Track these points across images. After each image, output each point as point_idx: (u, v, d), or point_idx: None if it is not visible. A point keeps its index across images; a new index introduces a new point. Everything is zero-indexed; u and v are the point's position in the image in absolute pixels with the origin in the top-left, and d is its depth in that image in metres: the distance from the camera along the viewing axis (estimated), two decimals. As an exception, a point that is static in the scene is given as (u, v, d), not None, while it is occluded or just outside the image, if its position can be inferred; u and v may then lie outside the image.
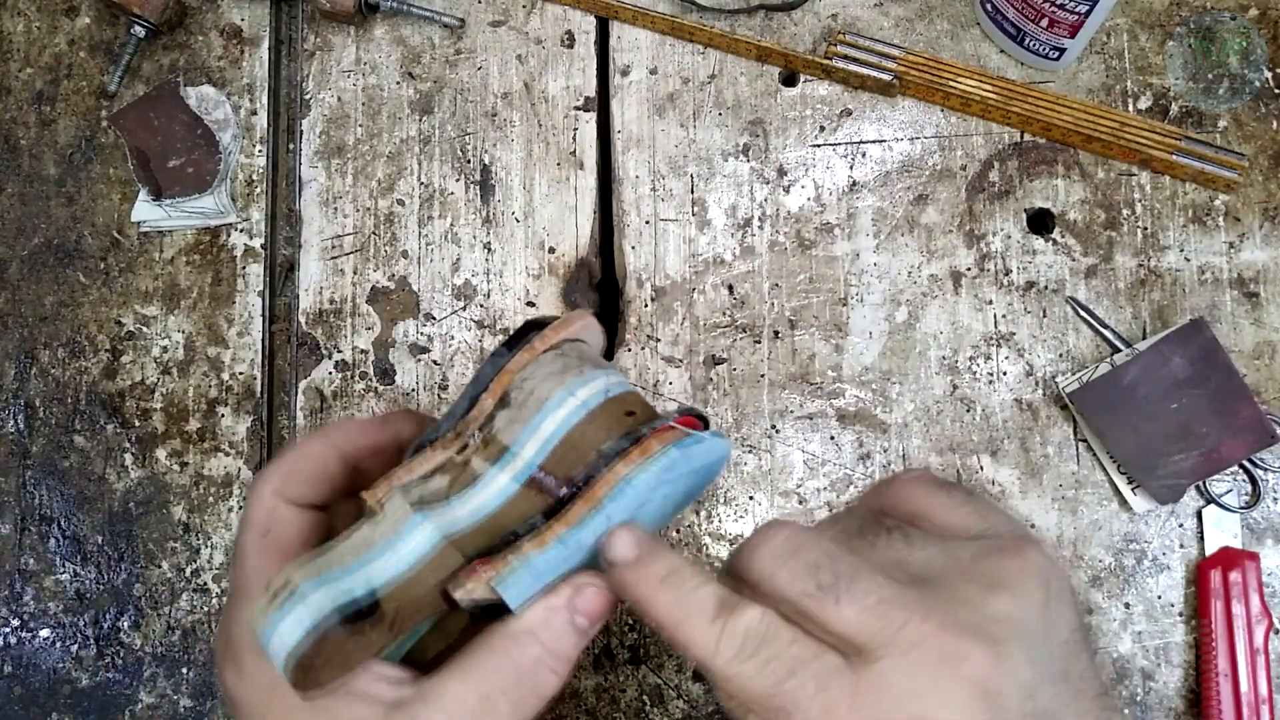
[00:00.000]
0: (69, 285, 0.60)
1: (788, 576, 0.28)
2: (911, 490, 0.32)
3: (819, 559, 0.28)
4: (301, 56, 0.62)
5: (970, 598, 0.27)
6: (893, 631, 0.26)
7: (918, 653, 0.26)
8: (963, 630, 0.26)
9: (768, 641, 0.27)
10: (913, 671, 0.26)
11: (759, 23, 0.59)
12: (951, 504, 0.31)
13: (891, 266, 0.57)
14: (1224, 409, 0.52)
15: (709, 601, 0.28)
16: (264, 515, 0.32)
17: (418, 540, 0.30)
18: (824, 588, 0.27)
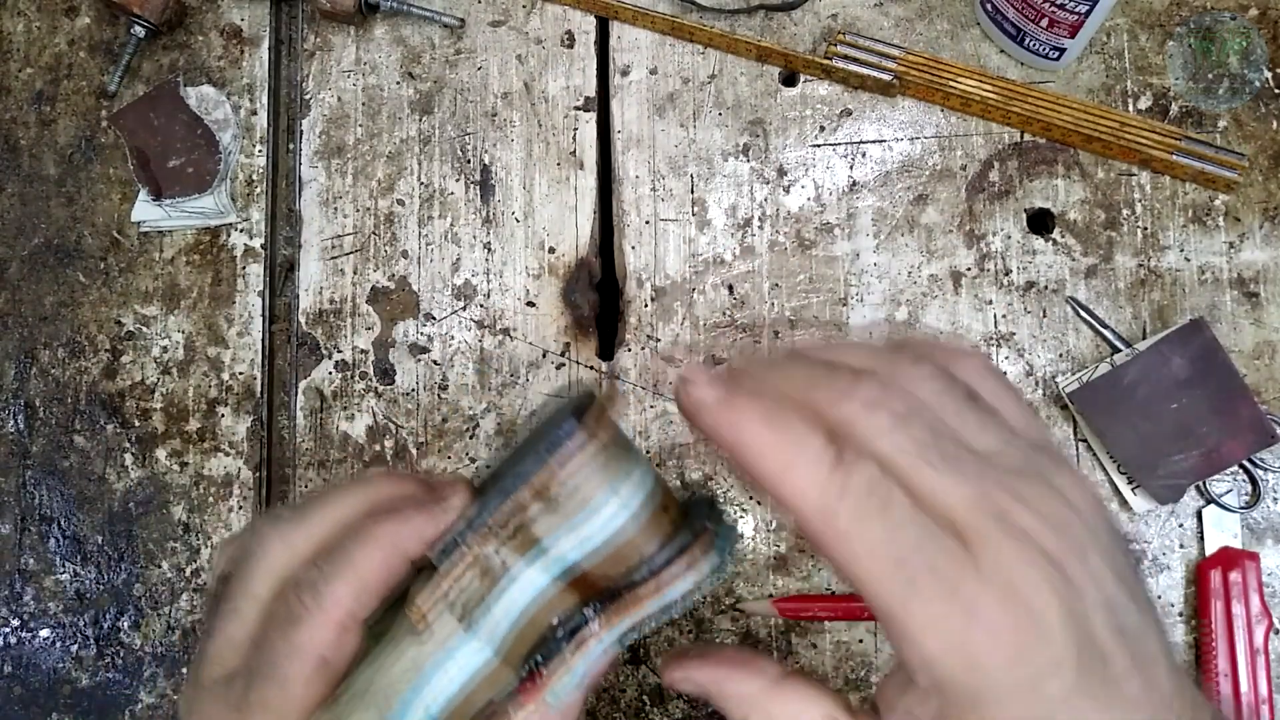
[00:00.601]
0: (69, 285, 0.61)
1: (906, 439, 0.25)
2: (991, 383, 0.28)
3: (938, 425, 0.25)
4: (301, 56, 0.62)
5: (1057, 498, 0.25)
6: (1001, 520, 0.24)
7: (1027, 549, 0.24)
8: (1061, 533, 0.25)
9: (890, 503, 0.24)
10: (1023, 570, 0.24)
11: (759, 23, 0.59)
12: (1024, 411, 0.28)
13: (891, 266, 0.57)
14: (1224, 409, 0.52)
15: (824, 446, 0.25)
16: (328, 644, 0.28)
17: (467, 659, 0.29)
18: (947, 457, 0.24)
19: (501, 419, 0.58)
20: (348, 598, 0.29)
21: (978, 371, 0.28)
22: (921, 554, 0.24)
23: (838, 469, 0.24)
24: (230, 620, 0.30)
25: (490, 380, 0.58)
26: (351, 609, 0.29)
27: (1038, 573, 0.24)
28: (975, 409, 0.26)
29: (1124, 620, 0.25)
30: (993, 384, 0.28)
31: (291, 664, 0.28)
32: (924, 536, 0.24)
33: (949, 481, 0.24)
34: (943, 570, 0.24)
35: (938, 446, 0.25)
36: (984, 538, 0.24)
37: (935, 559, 0.24)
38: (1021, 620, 0.23)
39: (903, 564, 0.24)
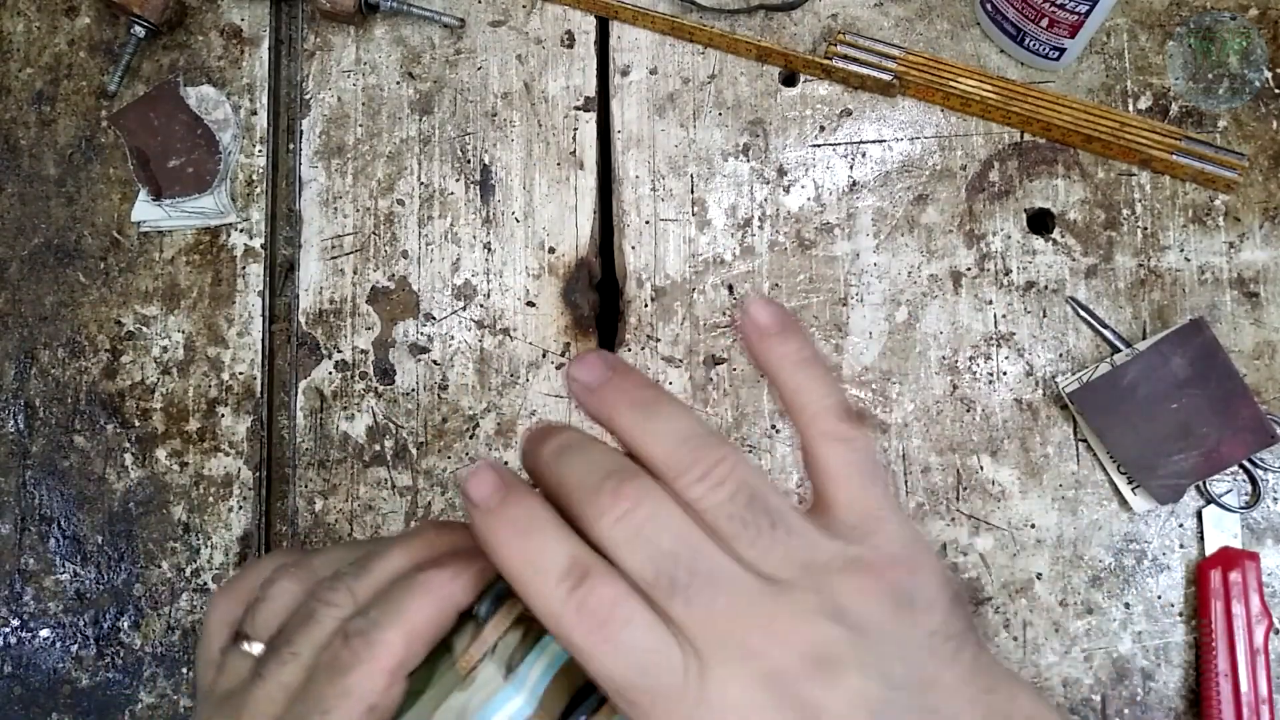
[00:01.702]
0: (69, 285, 0.61)
1: (640, 561, 0.26)
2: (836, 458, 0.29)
3: (679, 551, 0.26)
4: (301, 56, 0.62)
5: (812, 611, 0.26)
6: (733, 641, 0.26)
7: (752, 665, 0.26)
8: (798, 647, 0.26)
9: (627, 625, 0.26)
10: (745, 686, 0.26)
11: (759, 23, 0.59)
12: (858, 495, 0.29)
13: (891, 266, 0.57)
14: (1224, 409, 0.52)
15: (563, 560, 0.26)
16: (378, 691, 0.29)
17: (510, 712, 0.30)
18: (676, 586, 0.26)
19: (501, 419, 0.58)
20: (400, 646, 0.29)
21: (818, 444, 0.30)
22: (647, 672, 0.26)
23: (575, 589, 0.26)
24: (289, 665, 0.30)
25: (490, 380, 0.58)
26: (402, 658, 0.29)
27: (753, 694, 0.25)
28: (750, 519, 0.27)
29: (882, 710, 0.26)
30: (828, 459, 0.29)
31: (341, 709, 0.29)
32: (651, 654, 0.26)
33: (680, 610, 0.26)
34: (668, 686, 0.26)
35: (672, 570, 0.26)
36: (704, 659, 0.26)
37: (661, 676, 0.26)
38: None
39: (633, 678, 0.26)
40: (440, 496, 0.57)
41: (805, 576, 0.27)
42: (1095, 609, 0.54)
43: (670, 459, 0.28)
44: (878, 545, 0.28)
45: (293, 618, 0.31)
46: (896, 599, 0.27)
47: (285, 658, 0.30)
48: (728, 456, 0.28)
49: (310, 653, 0.30)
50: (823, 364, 0.30)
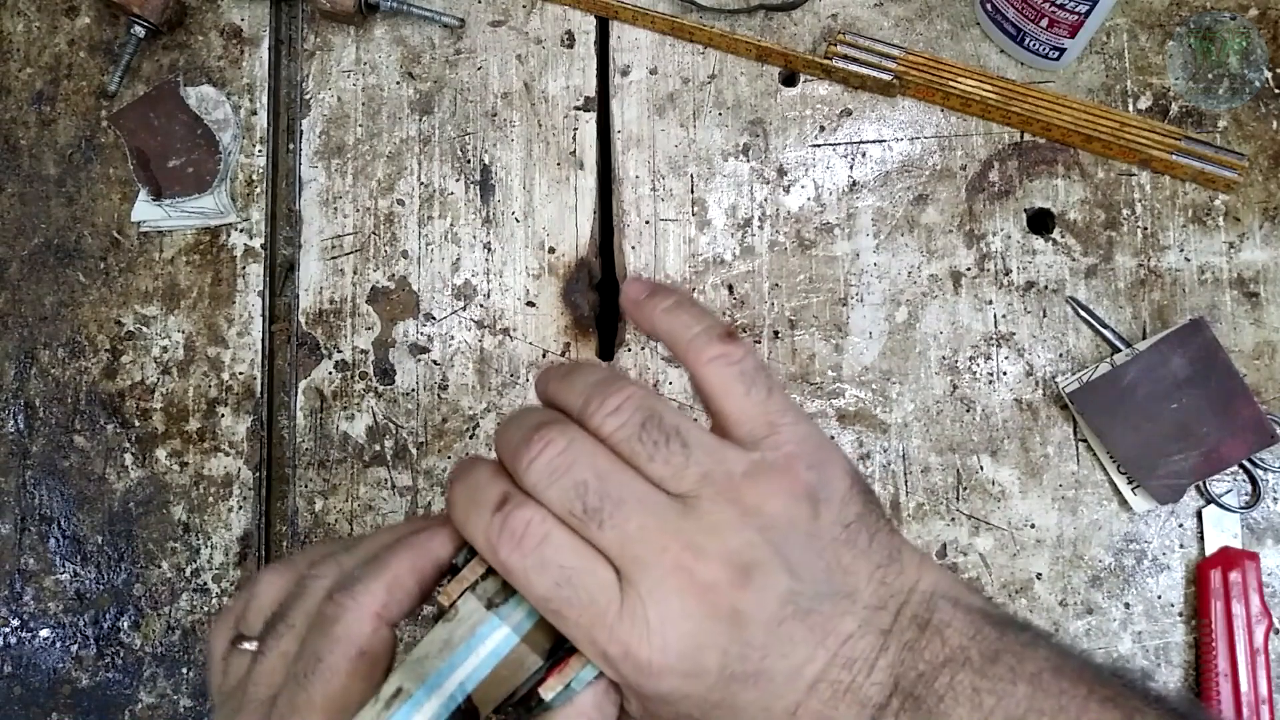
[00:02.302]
0: (69, 285, 0.61)
1: (557, 494, 0.29)
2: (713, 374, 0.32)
3: (588, 480, 0.29)
4: (301, 56, 0.62)
5: (729, 520, 0.29)
6: (649, 557, 0.28)
7: (671, 580, 0.28)
8: (714, 557, 0.28)
9: (544, 543, 0.28)
10: (665, 598, 0.28)
11: (759, 23, 0.59)
12: (745, 404, 0.31)
13: (891, 266, 0.57)
14: (1224, 409, 0.52)
15: (494, 497, 0.30)
16: (365, 635, 0.31)
17: (495, 640, 0.31)
18: (589, 511, 0.28)
19: (501, 418, 0.58)
20: (381, 591, 0.32)
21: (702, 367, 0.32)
22: (570, 588, 0.28)
23: (497, 514, 0.29)
24: (285, 636, 0.32)
25: (490, 380, 0.58)
26: (385, 601, 0.32)
27: (675, 605, 0.28)
28: (648, 436, 0.30)
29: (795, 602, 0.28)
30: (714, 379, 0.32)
31: (332, 654, 0.31)
32: (572, 572, 0.28)
33: (594, 532, 0.28)
34: (591, 601, 0.28)
35: (584, 498, 0.29)
36: (628, 578, 0.28)
37: (584, 591, 0.28)
38: (659, 652, 0.28)
39: (555, 591, 0.28)
40: (440, 496, 0.57)
41: (712, 488, 0.29)
42: (1095, 609, 0.54)
43: (578, 401, 0.31)
44: (777, 445, 0.30)
45: (286, 598, 0.33)
46: (804, 496, 0.30)
47: (281, 630, 0.32)
48: (627, 388, 0.31)
49: (303, 620, 0.32)
50: (691, 305, 0.33)
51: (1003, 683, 0.28)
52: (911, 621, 0.30)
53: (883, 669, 0.29)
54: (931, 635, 0.29)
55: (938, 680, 0.28)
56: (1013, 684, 0.28)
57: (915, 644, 0.29)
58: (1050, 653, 0.29)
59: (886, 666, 0.29)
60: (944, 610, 0.30)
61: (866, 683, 0.29)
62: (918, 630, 0.29)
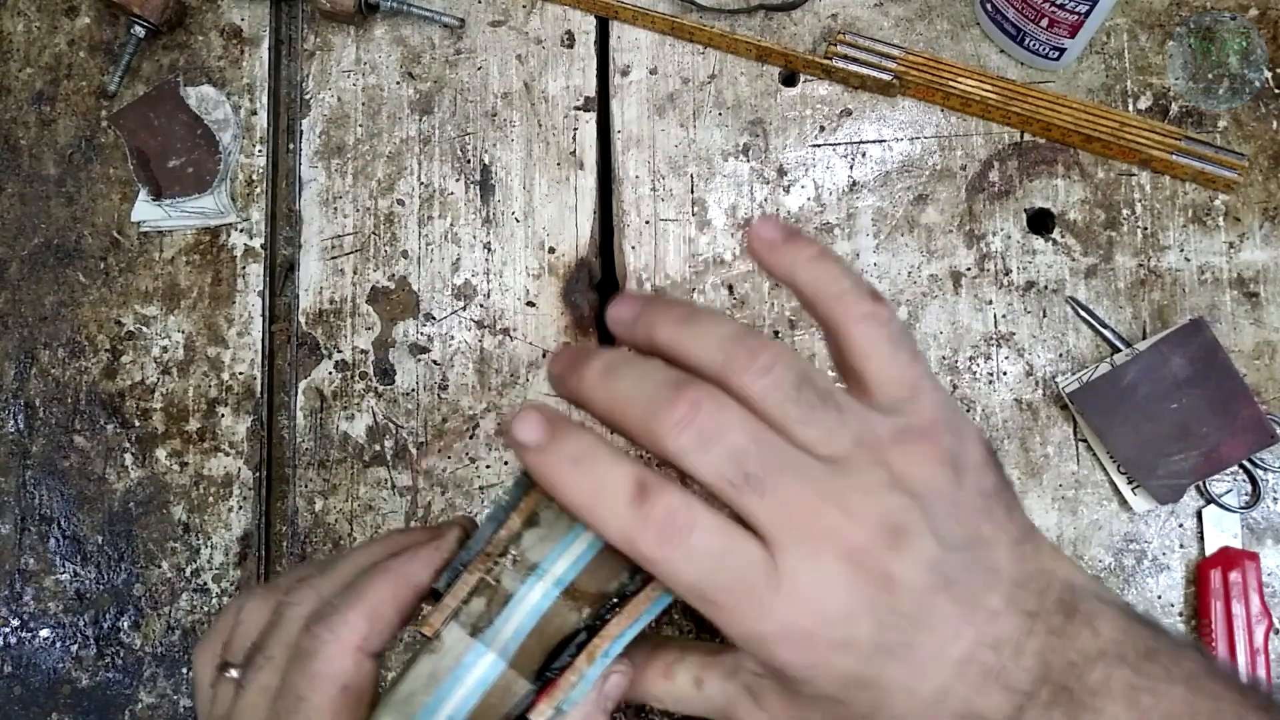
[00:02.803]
0: (69, 285, 0.61)
1: (713, 463, 0.27)
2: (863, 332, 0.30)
3: (745, 446, 0.27)
4: (301, 56, 0.62)
5: (881, 482, 0.28)
6: (805, 523, 0.27)
7: (826, 545, 0.27)
8: (868, 520, 0.27)
9: (691, 529, 0.27)
10: (820, 565, 0.27)
11: (759, 23, 0.59)
12: (892, 365, 0.30)
13: (891, 266, 0.57)
14: (1224, 409, 0.52)
15: (626, 482, 0.27)
16: (347, 671, 0.30)
17: (482, 668, 0.31)
18: (750, 480, 0.27)
19: (501, 419, 0.58)
20: (361, 624, 0.30)
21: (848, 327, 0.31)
22: (721, 571, 0.27)
23: (635, 503, 0.27)
24: (265, 669, 0.31)
25: (490, 380, 0.58)
26: (365, 634, 0.30)
27: (830, 570, 0.27)
28: (802, 399, 0.28)
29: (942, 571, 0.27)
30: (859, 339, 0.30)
31: (315, 693, 0.29)
32: (722, 554, 0.27)
33: (753, 502, 0.27)
34: (742, 580, 0.27)
35: (743, 465, 0.27)
36: (781, 546, 0.27)
37: (735, 572, 0.27)
38: (809, 619, 0.27)
39: (705, 578, 0.27)
40: (440, 496, 0.57)
41: (862, 451, 0.28)
42: (1095, 609, 0.54)
43: (718, 359, 0.28)
44: (920, 411, 0.29)
45: (265, 626, 0.32)
46: (948, 462, 0.28)
47: (260, 663, 0.31)
48: (770, 346, 0.29)
49: (282, 652, 0.31)
50: (833, 256, 0.31)
51: (1160, 682, 0.27)
52: (1057, 605, 0.28)
53: (1030, 653, 0.27)
54: (1081, 624, 0.28)
55: (1091, 674, 0.27)
56: (1169, 684, 0.27)
57: (1063, 630, 0.28)
58: (1199, 656, 0.28)
59: (1035, 652, 0.27)
60: (1089, 601, 0.29)
61: (1015, 667, 0.27)
62: (1063, 616, 0.28)
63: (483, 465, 0.57)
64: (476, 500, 0.57)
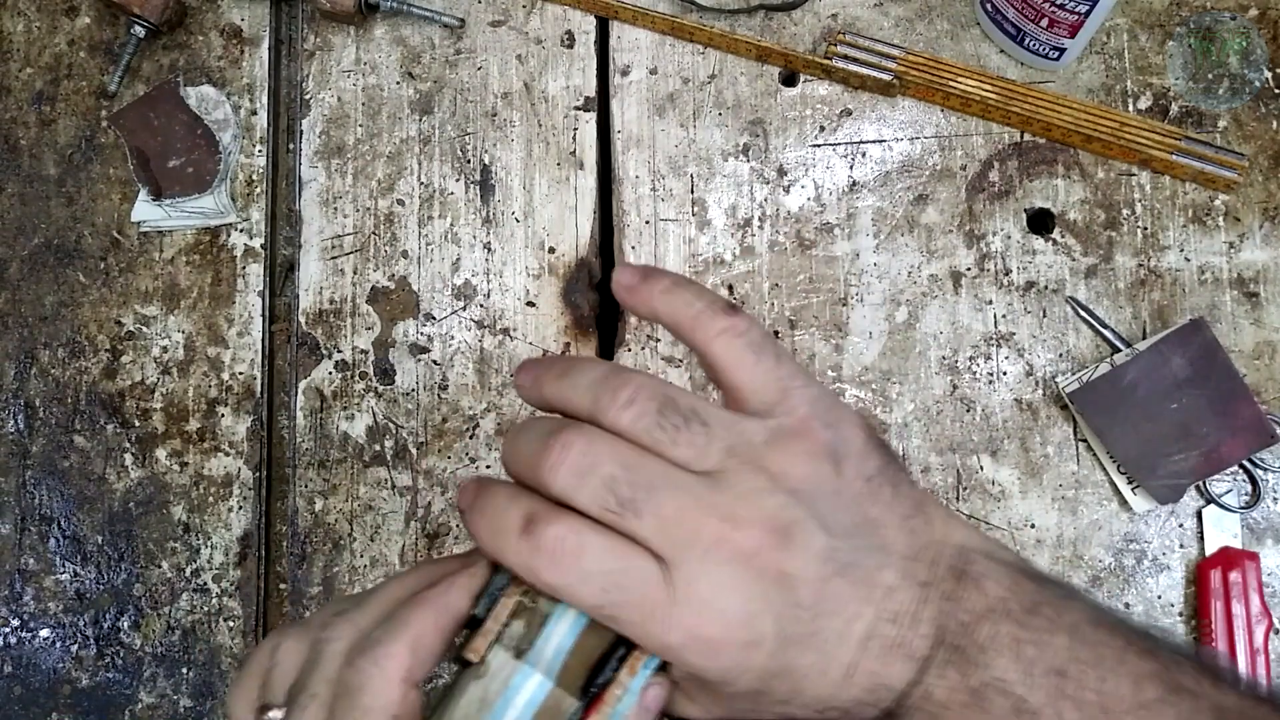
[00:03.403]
0: (69, 285, 0.61)
1: (589, 493, 0.29)
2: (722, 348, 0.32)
3: (616, 473, 0.29)
4: (301, 56, 0.62)
5: (760, 487, 0.29)
6: (690, 536, 0.28)
7: (715, 554, 0.28)
8: (752, 524, 0.28)
9: (581, 553, 0.28)
10: (713, 573, 0.28)
11: (759, 23, 0.59)
12: (757, 373, 0.31)
13: (891, 266, 0.57)
14: (1224, 409, 0.52)
15: (518, 519, 0.29)
16: (395, 702, 0.30)
17: (530, 690, 0.31)
18: (624, 504, 0.28)
19: (501, 419, 0.58)
20: (405, 655, 0.31)
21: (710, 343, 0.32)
22: (619, 589, 0.28)
23: (524, 537, 0.29)
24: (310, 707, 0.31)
25: (490, 380, 0.58)
26: (410, 664, 0.31)
27: (723, 576, 0.28)
28: (667, 422, 0.30)
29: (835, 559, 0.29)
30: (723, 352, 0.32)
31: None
32: (617, 573, 0.28)
33: (633, 523, 0.28)
34: (642, 596, 0.28)
35: (617, 491, 0.28)
36: (672, 561, 0.28)
37: (632, 590, 0.28)
38: (712, 627, 0.28)
39: (604, 597, 0.28)
40: (440, 496, 0.57)
41: (737, 460, 0.29)
42: (1095, 609, 0.54)
43: (587, 401, 0.31)
44: (791, 410, 0.31)
45: (304, 664, 0.32)
46: (826, 455, 0.30)
47: (304, 701, 0.31)
48: (632, 380, 0.30)
49: (326, 688, 0.31)
50: (688, 283, 0.33)
51: (1043, 633, 0.29)
52: (949, 572, 0.30)
53: (927, 621, 0.29)
54: (970, 586, 0.29)
55: (979, 631, 0.29)
56: (1052, 634, 0.29)
57: (954, 594, 0.29)
58: (1085, 606, 0.30)
59: (930, 619, 0.29)
60: (979, 562, 0.30)
61: (914, 636, 0.29)
62: (954, 581, 0.30)
63: (483, 465, 0.57)
64: (476, 500, 0.57)
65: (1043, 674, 0.28)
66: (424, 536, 0.57)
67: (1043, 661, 0.28)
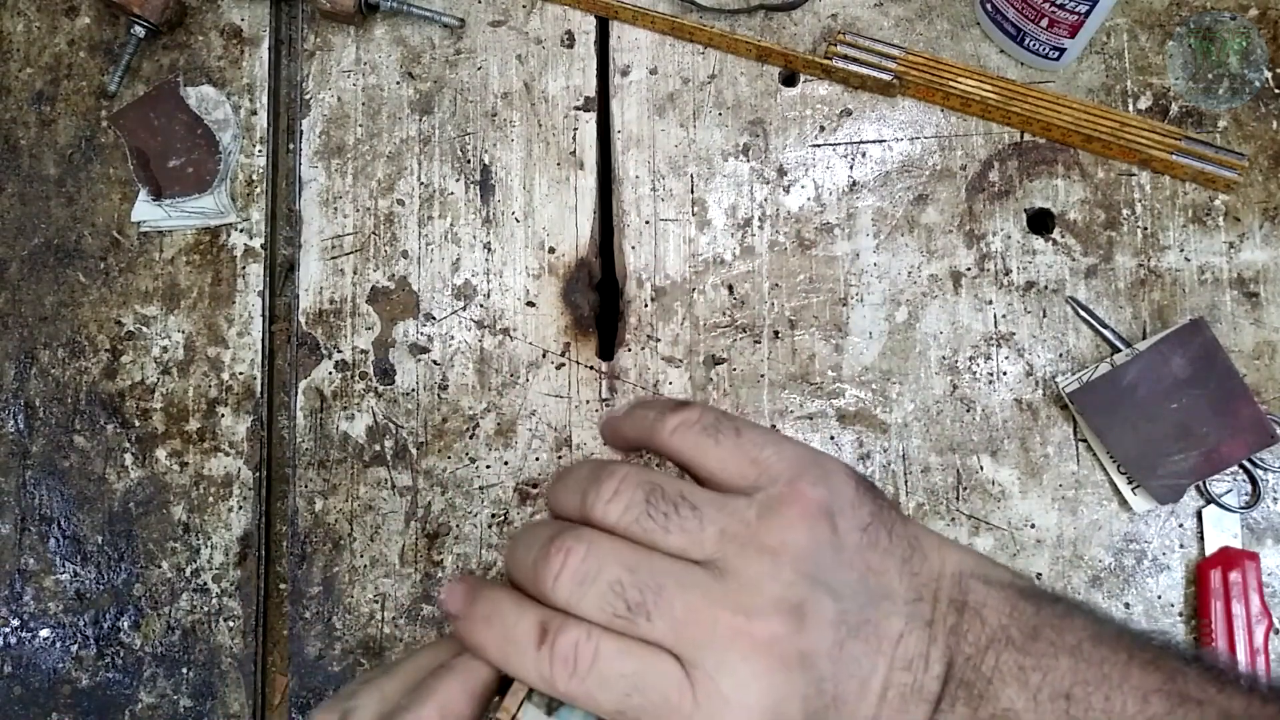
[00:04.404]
0: (69, 285, 0.61)
1: (595, 603, 0.28)
2: (680, 442, 0.32)
3: (620, 576, 0.28)
4: (301, 56, 0.62)
5: (764, 571, 0.28)
6: (706, 634, 0.28)
7: (734, 649, 0.28)
8: (766, 612, 0.28)
9: (598, 660, 0.28)
10: (735, 669, 0.28)
11: (759, 23, 0.59)
12: (721, 453, 0.31)
13: (891, 266, 0.57)
14: (1224, 409, 0.52)
15: (530, 628, 0.29)
16: None
17: None
18: (634, 609, 0.28)
19: (501, 419, 0.58)
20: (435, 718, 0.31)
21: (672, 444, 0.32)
22: (639, 693, 0.28)
23: (541, 647, 0.28)
24: None
25: (490, 380, 0.58)
26: None
27: (745, 671, 0.27)
28: (656, 510, 0.29)
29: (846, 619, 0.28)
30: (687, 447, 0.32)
31: None
32: (636, 676, 0.28)
33: (645, 627, 0.28)
34: (664, 699, 0.28)
35: (625, 596, 0.28)
36: (691, 661, 0.28)
37: (654, 692, 0.28)
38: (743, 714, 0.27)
39: (626, 703, 0.28)
40: (440, 496, 0.57)
41: (732, 544, 0.29)
42: (1095, 609, 0.54)
43: (576, 502, 0.30)
44: (775, 478, 0.30)
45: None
46: (820, 515, 0.29)
47: None
48: (618, 469, 0.30)
49: None
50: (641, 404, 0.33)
51: (1046, 658, 0.29)
52: (950, 606, 0.30)
53: (935, 660, 0.29)
54: (971, 617, 0.29)
55: (984, 662, 0.29)
56: (1055, 658, 0.28)
57: (958, 628, 0.29)
58: (1086, 621, 0.30)
59: (939, 658, 0.29)
60: (977, 590, 0.30)
61: (926, 678, 0.29)
62: (957, 614, 0.30)
63: (483, 465, 0.57)
64: (476, 500, 0.57)
65: (1049, 699, 0.28)
66: (424, 536, 0.57)
67: (1048, 687, 0.28)
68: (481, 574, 0.57)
